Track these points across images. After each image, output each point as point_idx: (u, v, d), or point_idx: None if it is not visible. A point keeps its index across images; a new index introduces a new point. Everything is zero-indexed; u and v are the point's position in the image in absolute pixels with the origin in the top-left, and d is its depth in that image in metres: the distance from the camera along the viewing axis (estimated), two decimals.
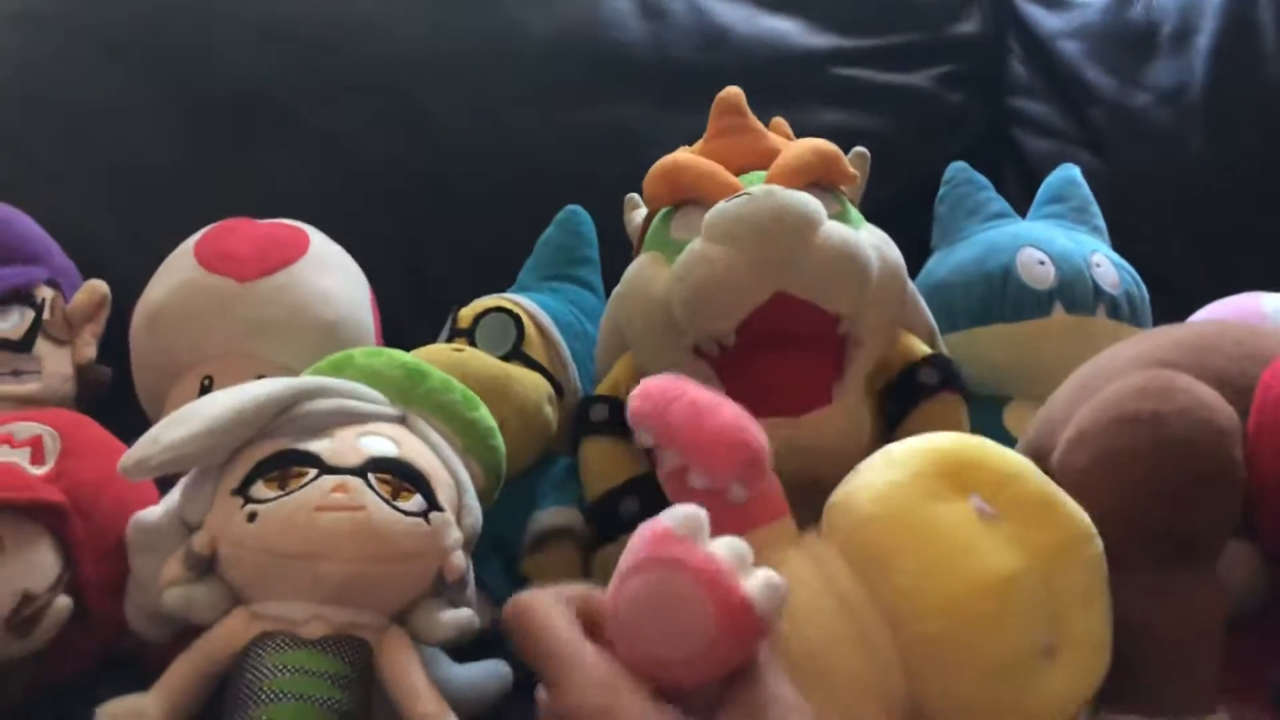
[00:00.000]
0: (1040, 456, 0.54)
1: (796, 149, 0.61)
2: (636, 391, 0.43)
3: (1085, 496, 0.49)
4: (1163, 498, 0.47)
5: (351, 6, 0.92)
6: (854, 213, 0.63)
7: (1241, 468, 0.48)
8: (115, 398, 0.73)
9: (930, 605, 0.41)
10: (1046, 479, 0.45)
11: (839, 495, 0.45)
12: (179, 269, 0.69)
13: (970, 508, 0.42)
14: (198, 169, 0.88)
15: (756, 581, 0.35)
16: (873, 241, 0.60)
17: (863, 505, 0.44)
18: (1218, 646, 0.47)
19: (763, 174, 0.61)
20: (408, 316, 0.78)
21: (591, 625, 0.38)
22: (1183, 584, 0.47)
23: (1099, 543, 0.44)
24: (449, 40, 0.92)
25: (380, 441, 0.52)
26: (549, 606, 0.38)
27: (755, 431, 0.42)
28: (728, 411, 0.42)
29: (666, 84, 0.93)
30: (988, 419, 0.76)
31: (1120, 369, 0.54)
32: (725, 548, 0.36)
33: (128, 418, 0.69)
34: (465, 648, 0.54)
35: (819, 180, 0.60)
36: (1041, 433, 0.56)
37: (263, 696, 0.45)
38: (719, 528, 0.37)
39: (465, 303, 0.72)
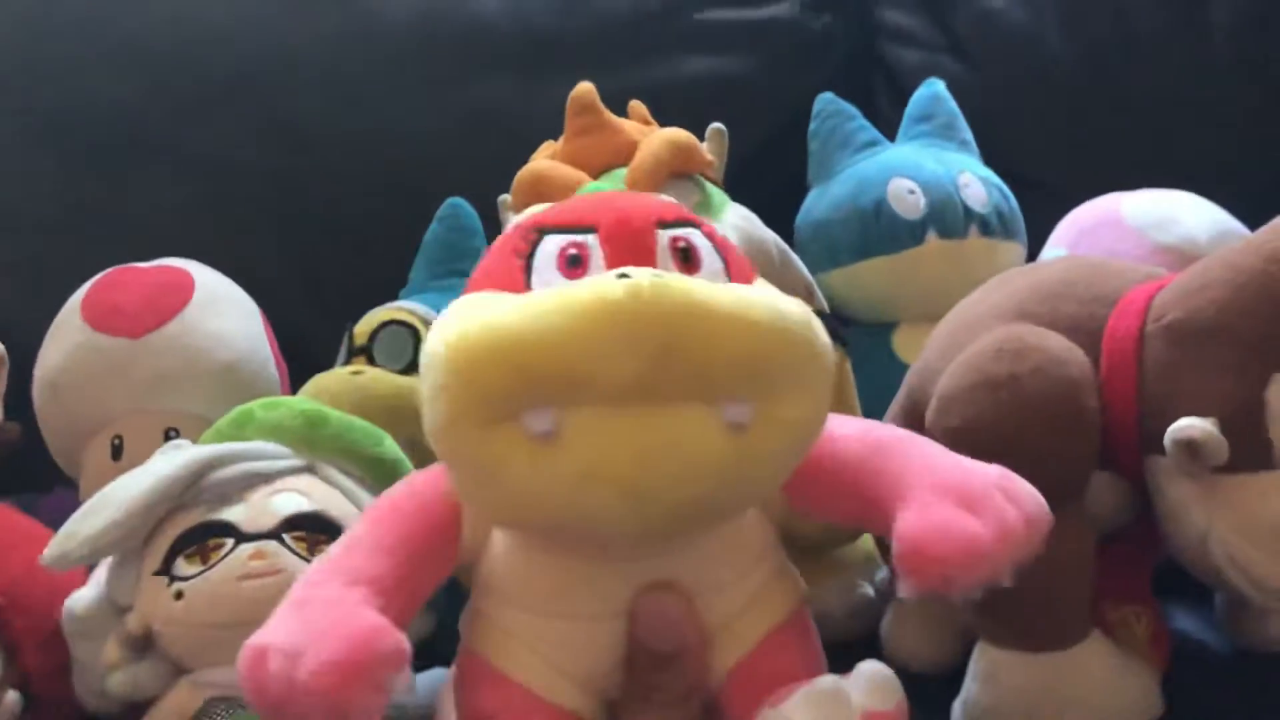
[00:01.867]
0: (917, 409, 0.58)
1: (651, 145, 0.62)
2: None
3: None
4: (1026, 455, 0.50)
5: (202, 17, 0.90)
6: (716, 196, 0.65)
7: (1096, 414, 0.51)
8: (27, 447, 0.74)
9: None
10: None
11: None
12: (69, 332, 0.69)
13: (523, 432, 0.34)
14: (75, 207, 0.87)
15: None
16: (735, 224, 0.62)
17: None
18: (1088, 579, 0.52)
19: (624, 171, 0.62)
20: (306, 329, 0.78)
21: None
22: (1050, 530, 0.51)
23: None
24: (308, 40, 0.90)
25: (291, 498, 0.54)
26: None
27: None
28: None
29: (531, 55, 0.93)
30: (878, 344, 0.80)
31: (980, 320, 0.57)
32: None
33: (40, 467, 0.71)
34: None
35: (676, 172, 0.62)
36: (915, 386, 0.60)
37: None
38: None
39: (359, 314, 0.73)
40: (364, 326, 0.71)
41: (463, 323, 0.34)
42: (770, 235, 0.65)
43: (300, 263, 0.88)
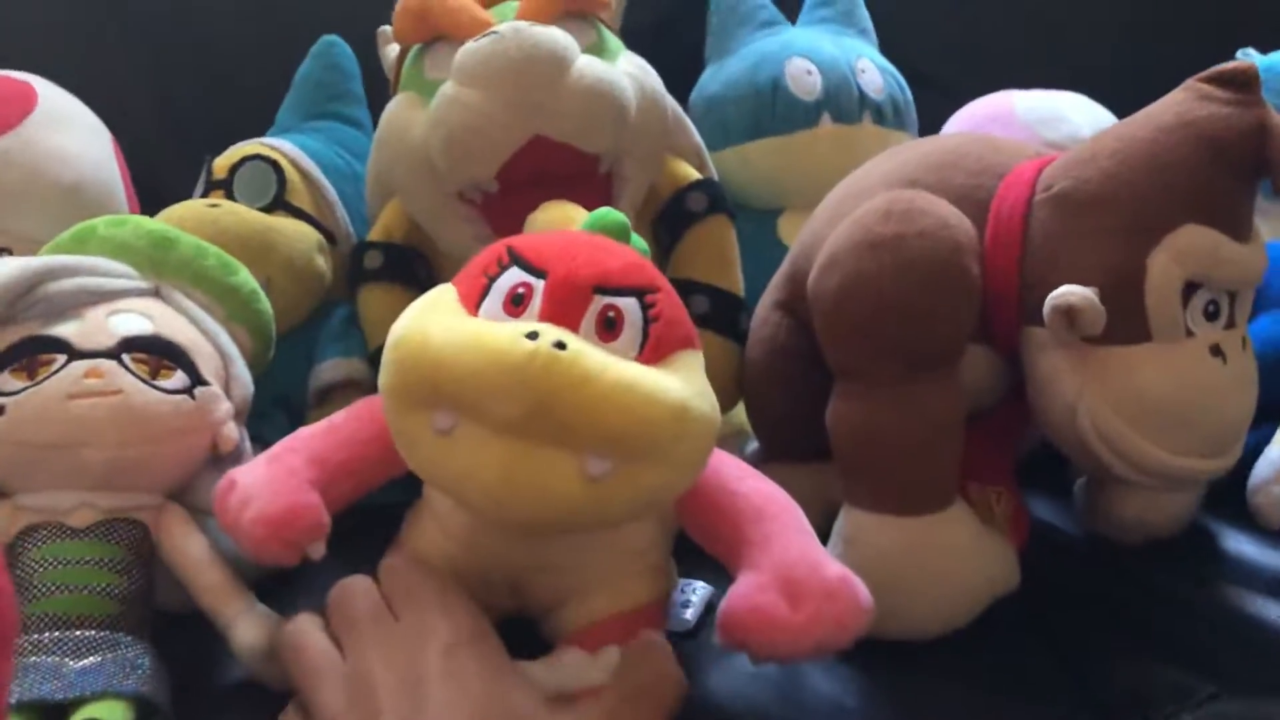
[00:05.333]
0: (799, 279, 0.57)
1: None
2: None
3: (837, 317, 0.52)
4: (906, 315, 0.51)
5: None
6: (611, 41, 0.62)
7: (978, 280, 0.51)
8: None
9: None
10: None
11: None
12: None
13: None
14: None
15: None
16: (630, 71, 0.59)
17: None
18: (957, 446, 0.52)
19: (515, 4, 0.59)
20: (161, 164, 0.73)
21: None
22: (925, 392, 0.51)
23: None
24: None
25: (133, 319, 0.50)
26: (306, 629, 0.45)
27: None
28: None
29: None
30: (762, 230, 0.79)
31: (870, 189, 0.56)
32: None
33: None
34: None
35: (572, 10, 0.59)
36: (799, 255, 0.59)
37: (33, 592, 0.45)
38: None
39: (220, 149, 0.68)
40: (225, 160, 0.67)
41: (414, 323, 0.43)
42: (667, 97, 0.63)
43: (158, 90, 0.81)
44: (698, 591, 0.55)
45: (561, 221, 0.49)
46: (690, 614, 0.54)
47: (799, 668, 0.50)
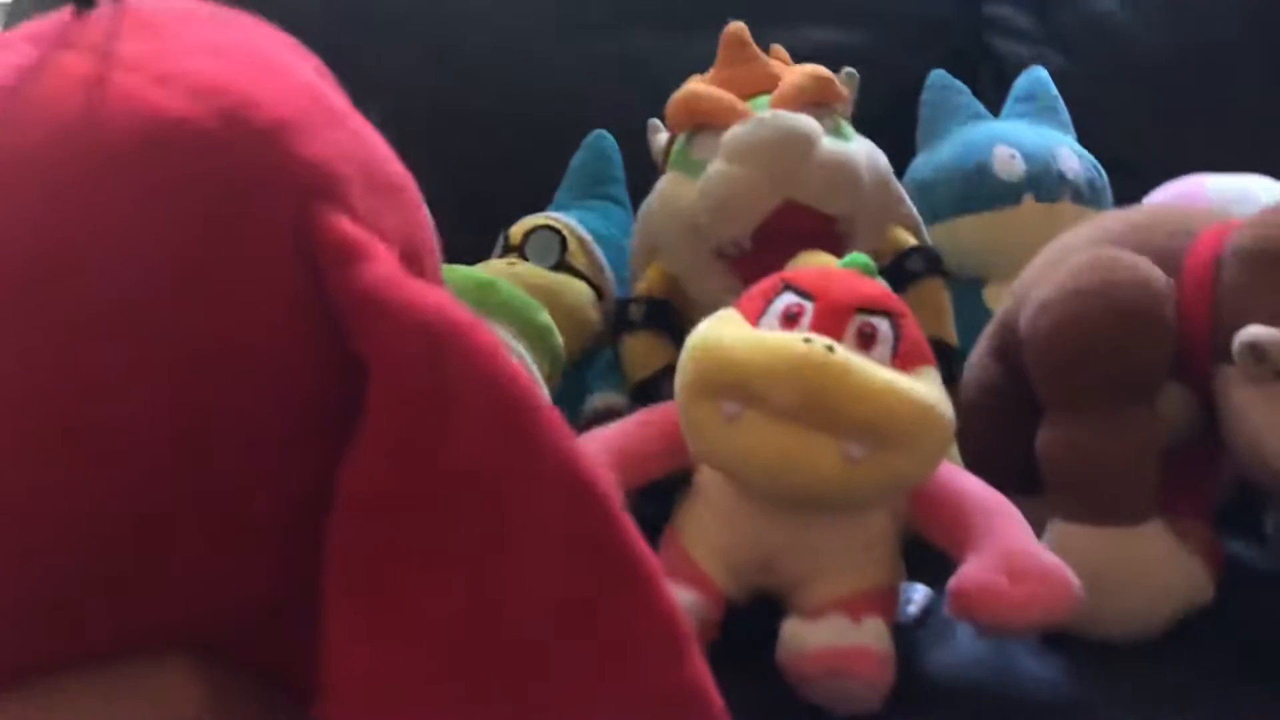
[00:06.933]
0: (1010, 324, 0.66)
1: (795, 75, 0.70)
2: None
3: (1050, 355, 0.60)
4: (1111, 352, 0.58)
5: None
6: (846, 127, 0.73)
7: (1173, 323, 0.58)
8: None
9: None
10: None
11: None
12: None
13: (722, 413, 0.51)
14: None
15: None
16: (863, 151, 0.70)
17: None
18: (1156, 467, 0.59)
19: (767, 98, 0.70)
20: (460, 237, 0.87)
21: None
22: (1128, 417, 0.59)
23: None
24: None
25: None
26: None
27: None
28: None
29: (675, 12, 1.02)
30: (969, 298, 0.86)
31: (1076, 248, 0.64)
32: None
33: None
34: None
35: (815, 101, 0.70)
36: (1011, 306, 0.67)
37: None
38: None
39: (511, 222, 0.82)
40: (518, 229, 0.80)
41: (710, 330, 0.54)
42: (891, 173, 0.74)
43: (457, 182, 0.95)
44: (919, 591, 0.63)
45: (818, 265, 0.59)
46: (913, 609, 0.62)
47: (1014, 654, 0.58)
